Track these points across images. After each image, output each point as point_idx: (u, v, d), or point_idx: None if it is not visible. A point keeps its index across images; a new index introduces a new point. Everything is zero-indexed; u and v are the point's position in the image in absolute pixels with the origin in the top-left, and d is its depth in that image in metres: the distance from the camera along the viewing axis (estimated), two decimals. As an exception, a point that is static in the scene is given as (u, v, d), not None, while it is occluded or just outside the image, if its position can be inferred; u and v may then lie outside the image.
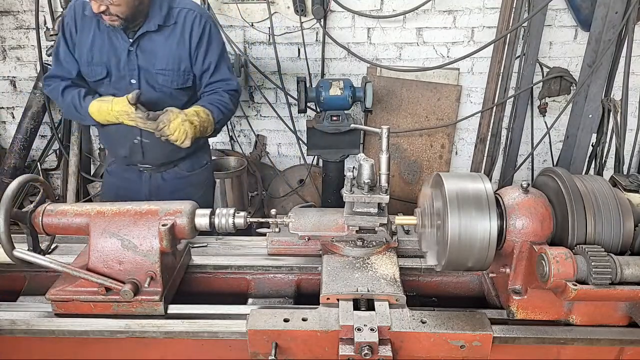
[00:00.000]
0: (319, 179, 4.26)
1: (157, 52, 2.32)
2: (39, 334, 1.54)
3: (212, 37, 2.39)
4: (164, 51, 2.32)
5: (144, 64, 2.32)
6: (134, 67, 2.32)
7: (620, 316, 1.52)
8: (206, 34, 2.35)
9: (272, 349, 1.44)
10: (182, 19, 2.32)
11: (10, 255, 1.50)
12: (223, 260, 1.87)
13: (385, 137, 1.67)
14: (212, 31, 2.38)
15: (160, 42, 2.31)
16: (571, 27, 3.97)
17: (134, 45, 2.29)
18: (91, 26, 2.30)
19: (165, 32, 2.31)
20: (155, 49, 2.31)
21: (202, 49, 2.36)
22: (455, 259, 1.45)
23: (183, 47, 2.33)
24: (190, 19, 2.32)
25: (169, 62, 2.33)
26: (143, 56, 2.31)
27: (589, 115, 3.70)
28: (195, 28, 2.32)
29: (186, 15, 2.32)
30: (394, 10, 3.95)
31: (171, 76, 2.36)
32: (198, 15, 2.34)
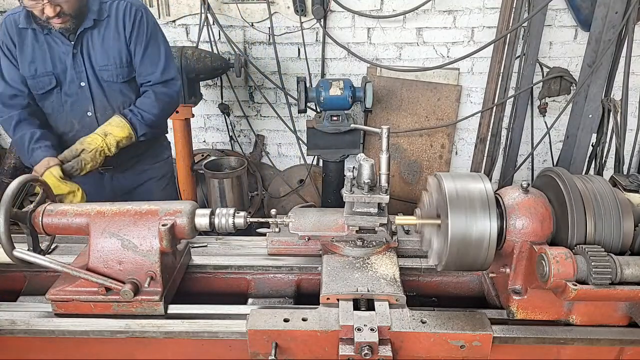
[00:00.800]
0: (319, 179, 4.27)
1: (97, 49, 2.31)
2: (39, 334, 1.54)
3: (142, 26, 2.36)
4: (102, 46, 2.31)
5: (89, 64, 2.32)
6: (81, 69, 2.32)
7: (620, 316, 1.52)
8: (137, 23, 2.33)
9: (272, 349, 1.44)
10: (114, 10, 2.31)
11: (10, 255, 1.50)
12: (223, 260, 1.87)
13: (385, 137, 1.67)
14: (142, 20, 2.36)
15: (98, 37, 2.31)
16: (571, 27, 3.97)
17: (77, 47, 2.28)
18: (27, 39, 2.27)
19: (100, 27, 2.30)
20: (95, 45, 2.31)
21: (134, 37, 2.34)
22: (455, 259, 1.45)
23: (119, 39, 2.32)
24: (121, 10, 2.32)
25: (109, 57, 2.32)
26: (87, 56, 2.31)
27: (589, 115, 3.70)
28: (126, 18, 2.32)
29: (117, 6, 2.32)
30: (394, 10, 3.95)
31: (114, 70, 2.35)
32: (129, 5, 2.33)
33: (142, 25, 2.35)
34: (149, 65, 2.40)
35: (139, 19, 2.34)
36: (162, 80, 2.44)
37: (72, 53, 2.28)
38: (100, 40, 2.31)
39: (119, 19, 2.31)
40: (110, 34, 2.31)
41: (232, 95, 4.28)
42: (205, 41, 4.00)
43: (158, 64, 2.42)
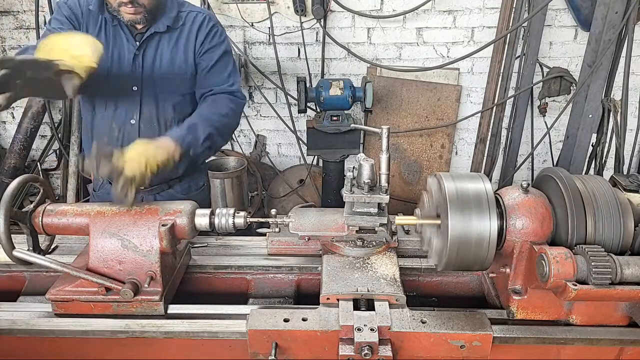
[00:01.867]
0: (319, 179, 4.27)
1: (163, 56, 2.19)
2: (39, 334, 1.54)
3: (216, 39, 2.25)
4: (170, 54, 2.19)
5: (148, 70, 2.18)
6: (138, 73, 2.18)
7: (620, 316, 1.52)
8: (211, 35, 2.23)
9: (272, 349, 1.44)
10: (191, 20, 2.21)
11: (10, 255, 1.50)
12: (223, 260, 1.87)
13: (385, 137, 1.67)
14: (216, 33, 2.26)
15: (167, 45, 2.19)
16: (571, 27, 3.97)
17: (141, 49, 2.15)
18: (96, 23, 2.13)
19: (173, 34, 2.19)
20: (162, 52, 2.19)
21: (205, 49, 2.23)
22: (455, 259, 1.45)
23: (190, 50, 2.21)
24: (198, 21, 2.22)
25: (175, 66, 2.20)
26: (149, 61, 2.18)
27: (589, 115, 3.70)
28: (202, 29, 2.22)
29: (195, 17, 2.22)
30: (394, 10, 3.95)
31: (177, 81, 2.23)
32: (207, 17, 2.25)
33: (215, 39, 2.24)
34: (215, 76, 2.25)
35: (213, 33, 2.24)
36: (228, 90, 2.26)
37: (134, 54, 2.15)
38: (170, 47, 2.19)
39: (193, 30, 2.20)
40: (181, 43, 2.20)
41: (232, 95, 4.28)
42: (205, 41, 4.00)
43: (224, 75, 2.27)
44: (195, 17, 2.23)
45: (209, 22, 2.24)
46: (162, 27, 2.15)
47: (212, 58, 2.24)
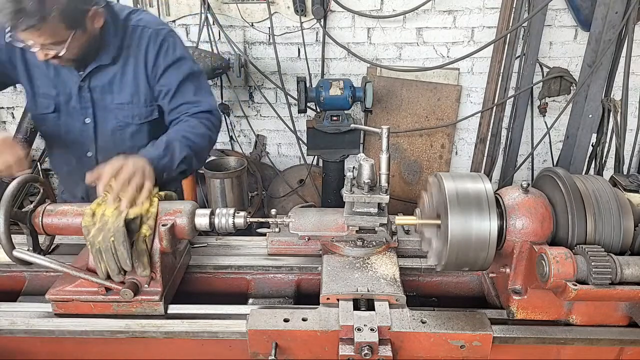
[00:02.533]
0: (319, 179, 4.27)
1: (114, 84, 1.98)
2: (39, 334, 1.54)
3: (170, 55, 2.00)
4: (120, 82, 1.99)
5: (98, 100, 1.98)
6: (87, 104, 1.99)
7: (620, 316, 1.52)
8: (163, 53, 1.99)
9: (272, 349, 1.44)
10: (137, 39, 1.97)
11: (10, 255, 1.50)
12: (223, 260, 1.87)
13: (385, 137, 1.67)
14: (169, 47, 2.01)
15: (116, 71, 1.98)
16: (571, 27, 3.97)
17: (86, 80, 1.96)
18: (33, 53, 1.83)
19: (120, 60, 1.97)
20: (111, 80, 1.98)
21: (160, 72, 1.99)
22: (455, 259, 1.45)
23: (140, 73, 1.99)
24: (145, 38, 1.97)
25: (127, 93, 1.99)
26: (97, 91, 1.97)
27: (589, 115, 3.70)
28: (150, 48, 1.97)
29: (141, 35, 1.98)
30: (394, 10, 3.95)
31: (132, 110, 2.02)
32: (154, 33, 1.99)
33: (170, 56, 1.99)
34: (181, 99, 2.02)
35: (165, 49, 1.99)
36: (201, 111, 2.02)
37: (79, 85, 1.96)
38: (119, 75, 1.98)
39: (141, 49, 1.97)
40: (131, 68, 1.98)
41: (232, 95, 4.28)
42: (205, 41, 4.00)
43: (192, 97, 2.03)
44: (142, 33, 1.98)
45: (157, 37, 1.99)
46: (107, 59, 1.95)
47: (171, 82, 2.00)
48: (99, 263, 1.49)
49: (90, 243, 1.47)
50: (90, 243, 1.47)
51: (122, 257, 1.47)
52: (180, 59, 2.03)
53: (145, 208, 1.54)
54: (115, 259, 1.47)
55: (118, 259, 1.47)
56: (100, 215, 1.50)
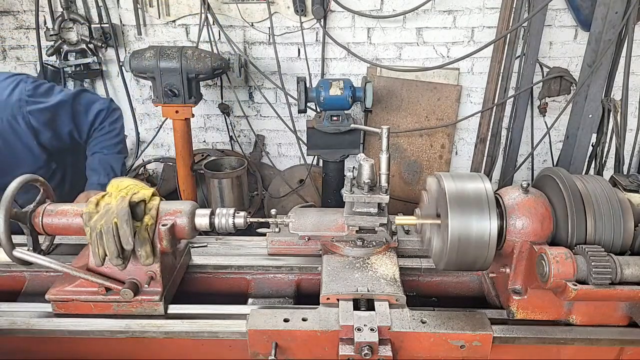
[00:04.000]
0: (319, 179, 4.27)
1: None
2: (39, 334, 1.54)
3: (42, 120, 2.13)
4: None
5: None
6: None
7: (620, 316, 1.52)
8: (34, 124, 2.11)
9: (272, 349, 1.44)
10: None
11: (10, 255, 1.50)
12: (223, 260, 1.87)
13: (385, 137, 1.67)
14: (38, 115, 2.11)
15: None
16: (571, 27, 3.97)
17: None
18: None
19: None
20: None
21: (47, 136, 2.16)
22: (455, 258, 1.45)
23: (25, 151, 2.10)
24: (4, 125, 2.05)
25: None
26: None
27: (589, 115, 3.70)
28: (18, 128, 2.07)
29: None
30: (394, 10, 3.95)
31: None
32: (12, 118, 2.07)
33: (42, 122, 2.13)
34: (86, 127, 2.29)
35: (35, 121, 2.11)
36: (103, 118, 2.33)
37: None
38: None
39: (10, 136, 2.07)
40: (6, 154, 2.09)
41: (232, 95, 4.28)
42: (205, 41, 4.00)
43: (89, 117, 2.29)
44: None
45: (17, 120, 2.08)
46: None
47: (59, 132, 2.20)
48: (97, 248, 1.47)
49: (90, 228, 1.46)
50: (90, 228, 1.46)
51: (125, 235, 1.43)
52: (52, 112, 2.18)
53: (148, 194, 1.54)
54: (116, 240, 1.44)
55: (119, 239, 1.44)
56: (104, 204, 1.50)
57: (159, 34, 4.13)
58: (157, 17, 4.03)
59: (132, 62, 3.49)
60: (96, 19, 4.03)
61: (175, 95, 3.52)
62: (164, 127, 4.39)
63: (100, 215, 1.47)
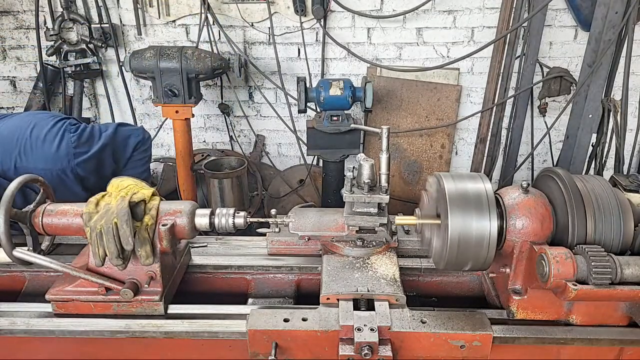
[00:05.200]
0: (319, 179, 4.27)
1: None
2: (39, 334, 1.54)
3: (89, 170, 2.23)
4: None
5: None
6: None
7: (620, 316, 1.52)
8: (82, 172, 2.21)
9: (272, 349, 1.44)
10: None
11: (10, 255, 1.50)
12: (223, 260, 1.87)
13: (385, 137, 1.67)
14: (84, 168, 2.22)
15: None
16: (571, 27, 3.97)
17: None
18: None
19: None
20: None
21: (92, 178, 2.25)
22: (455, 258, 1.45)
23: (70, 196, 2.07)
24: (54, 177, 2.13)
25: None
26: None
27: (589, 115, 3.70)
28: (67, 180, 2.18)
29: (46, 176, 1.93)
30: (394, 10, 3.95)
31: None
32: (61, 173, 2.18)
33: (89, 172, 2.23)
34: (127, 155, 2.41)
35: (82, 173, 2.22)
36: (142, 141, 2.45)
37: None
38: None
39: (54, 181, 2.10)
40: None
41: (232, 95, 4.28)
42: (205, 41, 4.00)
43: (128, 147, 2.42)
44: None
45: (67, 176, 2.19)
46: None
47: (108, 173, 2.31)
48: (97, 248, 1.47)
49: (90, 228, 1.46)
50: (90, 228, 1.46)
51: (125, 236, 1.44)
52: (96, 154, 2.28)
53: (148, 194, 1.54)
54: (116, 241, 1.44)
55: (119, 239, 1.45)
56: (104, 204, 1.50)
57: (159, 34, 4.13)
58: (157, 17, 4.03)
59: (132, 62, 3.48)
60: (96, 19, 4.03)
61: (175, 95, 3.52)
62: (164, 127, 4.39)
63: (100, 215, 1.47)
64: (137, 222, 1.49)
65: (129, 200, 1.48)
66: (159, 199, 1.59)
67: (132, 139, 2.45)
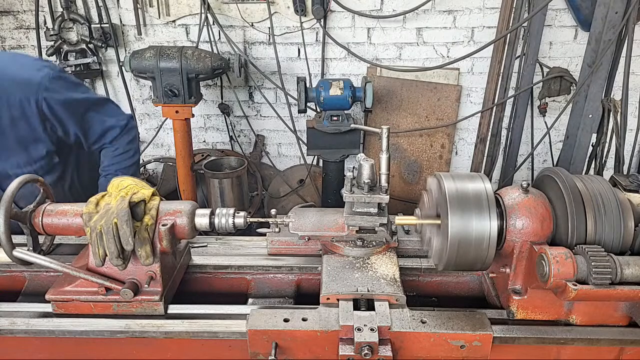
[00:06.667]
0: (319, 179, 4.27)
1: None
2: (39, 334, 1.54)
3: (56, 109, 2.02)
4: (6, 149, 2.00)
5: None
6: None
7: (620, 316, 1.52)
8: (47, 112, 2.01)
9: (272, 349, 1.44)
10: (5, 104, 1.94)
11: (10, 255, 1.50)
12: (223, 260, 1.87)
13: (385, 137, 1.67)
14: (52, 103, 2.01)
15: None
16: (571, 27, 3.97)
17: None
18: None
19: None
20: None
21: (55, 127, 2.06)
22: (455, 259, 1.45)
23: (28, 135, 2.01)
24: (15, 103, 1.95)
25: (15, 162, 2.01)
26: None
27: (589, 115, 3.70)
28: (27, 110, 1.97)
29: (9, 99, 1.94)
30: (394, 10, 3.95)
31: (30, 168, 2.06)
32: (25, 96, 1.97)
33: (56, 111, 2.02)
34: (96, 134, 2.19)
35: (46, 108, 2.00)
36: (120, 132, 2.25)
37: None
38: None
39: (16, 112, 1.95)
40: (6, 134, 1.97)
41: (232, 95, 4.28)
42: (205, 41, 4.01)
43: (106, 125, 2.21)
44: (9, 98, 1.94)
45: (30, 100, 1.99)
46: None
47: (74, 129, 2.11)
48: (97, 248, 1.46)
49: (90, 229, 1.46)
50: (90, 229, 1.46)
51: (125, 236, 1.43)
52: (70, 105, 2.08)
53: (148, 194, 1.54)
54: (116, 241, 1.43)
55: (119, 239, 1.44)
56: (104, 204, 1.50)
57: (159, 34, 4.13)
58: (157, 17, 4.04)
59: (132, 62, 3.49)
60: (96, 19, 4.04)
61: (175, 95, 3.53)
62: (164, 127, 4.39)
63: (100, 215, 1.47)
64: (137, 222, 1.49)
65: (129, 200, 1.48)
66: (159, 199, 1.58)
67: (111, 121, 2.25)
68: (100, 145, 2.25)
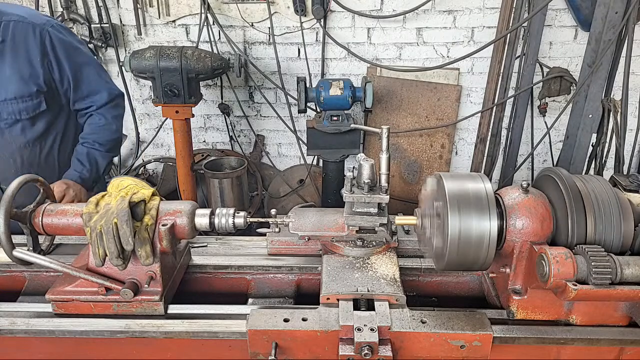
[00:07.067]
0: (319, 179, 4.27)
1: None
2: (39, 334, 1.54)
3: (57, 46, 2.06)
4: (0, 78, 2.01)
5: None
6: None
7: (620, 316, 1.52)
8: (48, 45, 2.04)
9: (272, 349, 1.44)
10: (11, 34, 1.98)
11: (10, 255, 1.50)
12: (223, 260, 1.87)
13: (385, 137, 1.67)
14: (55, 40, 2.06)
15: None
16: (571, 27, 3.97)
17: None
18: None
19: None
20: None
21: (52, 65, 2.07)
22: (455, 259, 1.45)
23: (24, 68, 2.02)
24: (22, 34, 1.99)
25: (10, 90, 2.02)
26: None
27: (589, 115, 3.70)
28: (31, 42, 2.00)
29: (15, 29, 2.00)
30: (394, 10, 3.95)
31: (19, 105, 2.05)
32: (31, 26, 2.02)
33: (57, 49, 2.06)
34: (86, 89, 2.19)
35: (49, 42, 2.04)
36: (109, 100, 2.26)
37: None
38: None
39: (19, 43, 1.99)
40: (7, 63, 1.99)
41: (232, 95, 4.28)
42: (205, 41, 4.01)
43: (98, 85, 2.23)
44: (15, 27, 2.00)
45: (35, 30, 2.04)
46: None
47: (67, 74, 2.12)
48: (97, 248, 1.46)
49: (90, 229, 1.46)
50: (90, 229, 1.46)
51: (125, 236, 1.43)
52: (71, 49, 2.13)
53: (148, 194, 1.53)
54: (116, 241, 1.43)
55: (119, 239, 1.43)
56: (104, 204, 1.50)
57: (159, 34, 4.14)
58: (157, 17, 4.04)
59: (132, 62, 3.49)
60: (96, 19, 4.04)
61: (176, 95, 3.53)
62: (164, 127, 4.39)
63: (100, 215, 1.47)
64: (137, 222, 1.49)
65: (129, 200, 1.48)
66: (159, 199, 1.58)
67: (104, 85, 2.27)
68: (86, 106, 2.25)
